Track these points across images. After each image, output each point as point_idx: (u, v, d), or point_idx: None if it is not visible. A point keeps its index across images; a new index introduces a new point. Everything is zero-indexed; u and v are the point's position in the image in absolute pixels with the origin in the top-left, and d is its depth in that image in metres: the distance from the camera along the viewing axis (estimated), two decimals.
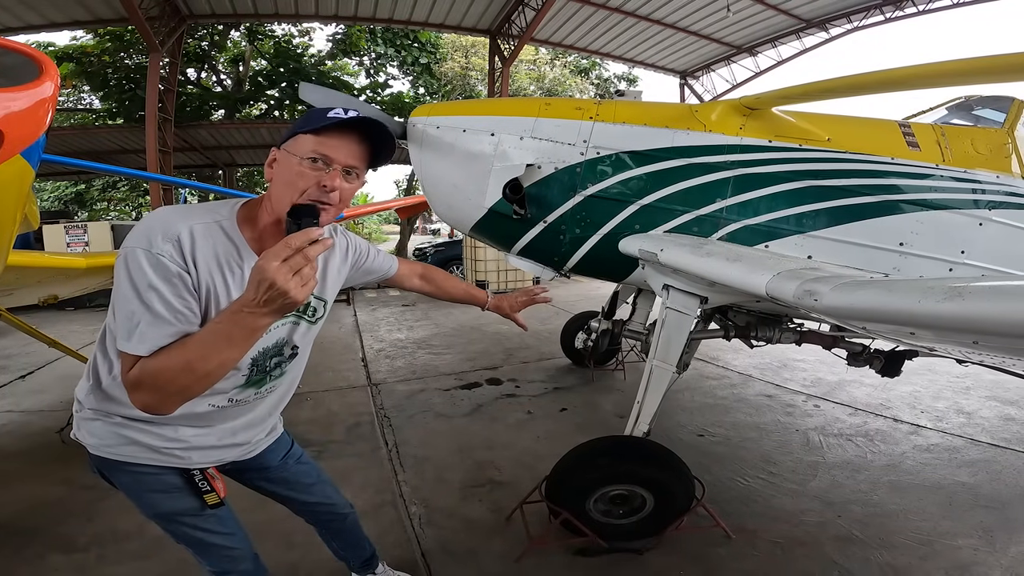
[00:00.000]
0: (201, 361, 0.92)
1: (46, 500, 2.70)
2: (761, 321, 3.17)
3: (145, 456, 1.23)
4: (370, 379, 4.94)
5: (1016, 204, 2.72)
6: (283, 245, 0.85)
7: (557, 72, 20.78)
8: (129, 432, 1.21)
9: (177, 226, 1.02)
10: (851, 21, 14.12)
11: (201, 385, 0.95)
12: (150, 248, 0.98)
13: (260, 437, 1.45)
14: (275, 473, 1.58)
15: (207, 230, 1.06)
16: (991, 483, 2.91)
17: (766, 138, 2.64)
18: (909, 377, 4.30)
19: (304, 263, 0.85)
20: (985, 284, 1.02)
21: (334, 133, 1.06)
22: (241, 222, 1.13)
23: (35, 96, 1.29)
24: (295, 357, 1.36)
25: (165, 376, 0.93)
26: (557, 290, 10.70)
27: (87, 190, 21.80)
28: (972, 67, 1.95)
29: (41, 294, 3.28)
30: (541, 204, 2.65)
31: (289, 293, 0.84)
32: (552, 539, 2.34)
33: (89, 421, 1.23)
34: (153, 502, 1.28)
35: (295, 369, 1.40)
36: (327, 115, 1.05)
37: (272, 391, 1.37)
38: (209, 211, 1.10)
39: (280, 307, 0.87)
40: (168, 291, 0.98)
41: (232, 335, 0.91)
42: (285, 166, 1.06)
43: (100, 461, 1.24)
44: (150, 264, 0.97)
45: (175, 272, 0.99)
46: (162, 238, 0.99)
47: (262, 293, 0.84)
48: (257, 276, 0.84)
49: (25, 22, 10.88)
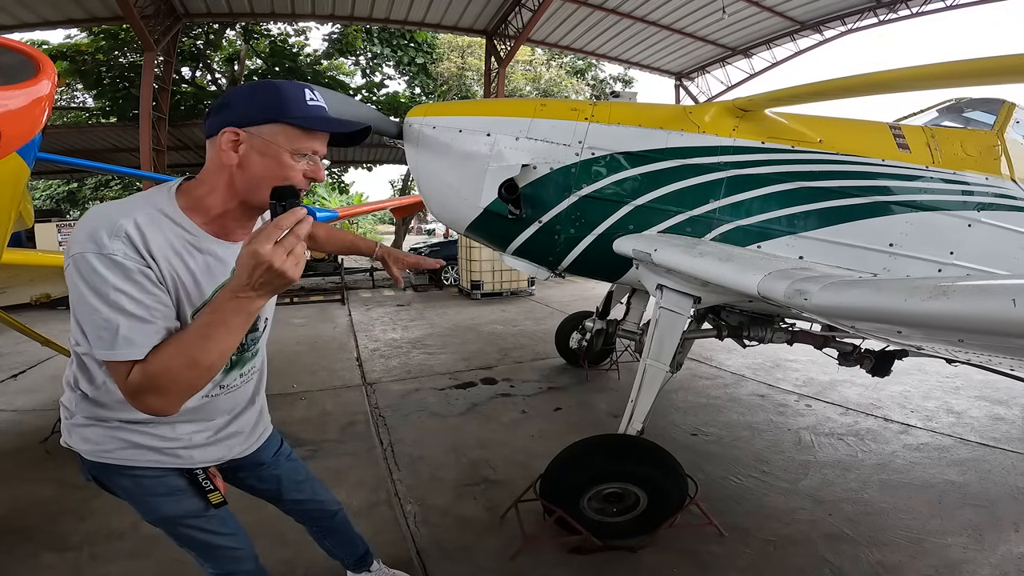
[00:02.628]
0: (203, 353, 0.90)
1: (39, 499, 2.69)
2: (753, 321, 3.20)
3: (146, 458, 1.21)
4: (365, 378, 4.94)
5: (1005, 205, 2.76)
6: (274, 227, 0.85)
7: (553, 73, 20.80)
8: (128, 435, 1.18)
9: (119, 221, 0.95)
10: (845, 23, 14.23)
11: (206, 378, 0.94)
12: (100, 251, 0.92)
13: (251, 425, 1.44)
14: (268, 471, 1.58)
15: (151, 219, 1.00)
16: (980, 482, 2.94)
17: (759, 139, 2.66)
18: (899, 377, 4.33)
19: (296, 242, 0.86)
20: (970, 283, 1.04)
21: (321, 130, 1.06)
22: (185, 208, 1.06)
23: (32, 94, 1.29)
24: (265, 330, 1.36)
25: (170, 375, 0.91)
26: (552, 290, 10.73)
27: (79, 189, 21.67)
28: (962, 69, 1.98)
29: (33, 292, 3.27)
30: (536, 204, 2.67)
31: (286, 273, 0.85)
32: (546, 537, 2.35)
33: (83, 427, 1.19)
34: (156, 506, 1.27)
35: (263, 343, 1.39)
36: (310, 106, 1.03)
37: (253, 369, 1.36)
38: (144, 201, 1.03)
39: (275, 287, 0.88)
40: (135, 289, 0.94)
41: (229, 322, 0.90)
42: (272, 158, 1.01)
43: (96, 467, 1.21)
44: (105, 266, 0.92)
45: (134, 269, 0.94)
46: (108, 236, 0.93)
47: (257, 276, 0.85)
48: (251, 261, 0.84)
49: (20, 20, 10.81)
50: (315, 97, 1.06)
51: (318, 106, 1.05)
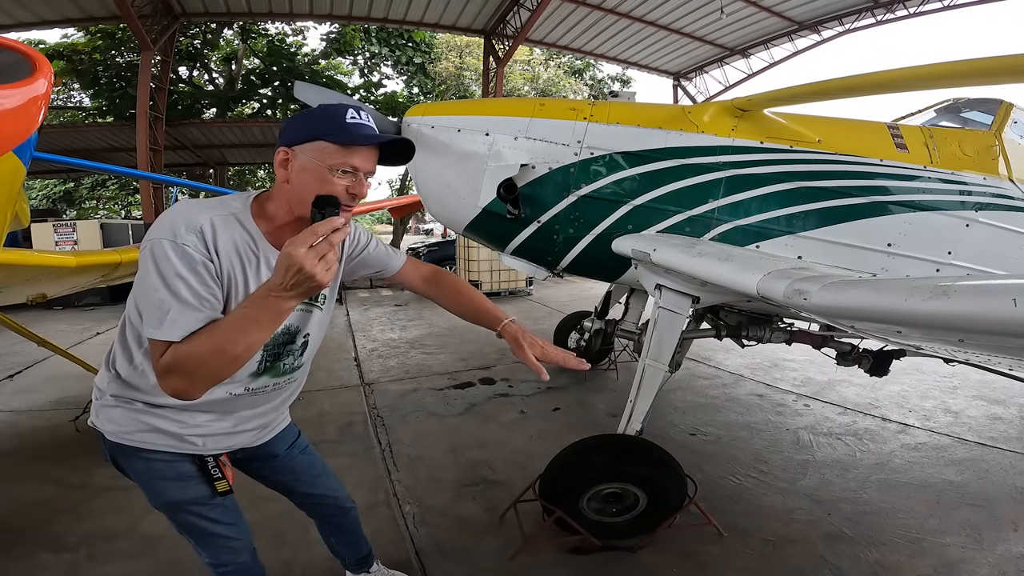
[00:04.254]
0: (231, 344, 0.97)
1: (36, 499, 2.68)
2: (752, 321, 3.20)
3: (162, 443, 1.26)
4: (363, 379, 4.93)
5: (1002, 206, 2.76)
6: (310, 232, 0.90)
7: (551, 73, 20.82)
8: (149, 419, 1.24)
9: (199, 218, 1.07)
10: (843, 24, 14.27)
11: (230, 368, 1.00)
12: (175, 239, 1.02)
13: (271, 424, 1.49)
14: (281, 462, 1.59)
15: (225, 221, 1.11)
16: (978, 481, 2.94)
17: (758, 139, 2.66)
18: (897, 377, 4.35)
19: (328, 249, 0.91)
20: (969, 283, 1.04)
21: (362, 147, 1.09)
22: (255, 215, 1.17)
23: (28, 94, 1.28)
24: (307, 346, 1.38)
25: (196, 360, 0.98)
26: (550, 290, 10.73)
27: (76, 188, 21.61)
28: (961, 70, 1.98)
29: (29, 293, 3.25)
30: (535, 204, 2.66)
31: (316, 276, 0.90)
32: (545, 537, 2.35)
33: (109, 408, 1.26)
34: (163, 490, 1.30)
35: (308, 359, 1.43)
36: (347, 124, 1.08)
37: (291, 381, 1.41)
38: (224, 204, 1.15)
39: (306, 290, 0.93)
40: (194, 279, 1.03)
41: (260, 318, 0.97)
42: (312, 173, 1.08)
43: (115, 448, 1.27)
44: (176, 254, 1.02)
45: (200, 261, 1.04)
46: (185, 229, 1.04)
47: (290, 277, 0.90)
48: (286, 262, 0.89)
49: (17, 19, 10.79)
50: (356, 115, 1.10)
51: (358, 123, 1.09)
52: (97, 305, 9.03)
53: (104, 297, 9.05)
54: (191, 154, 16.63)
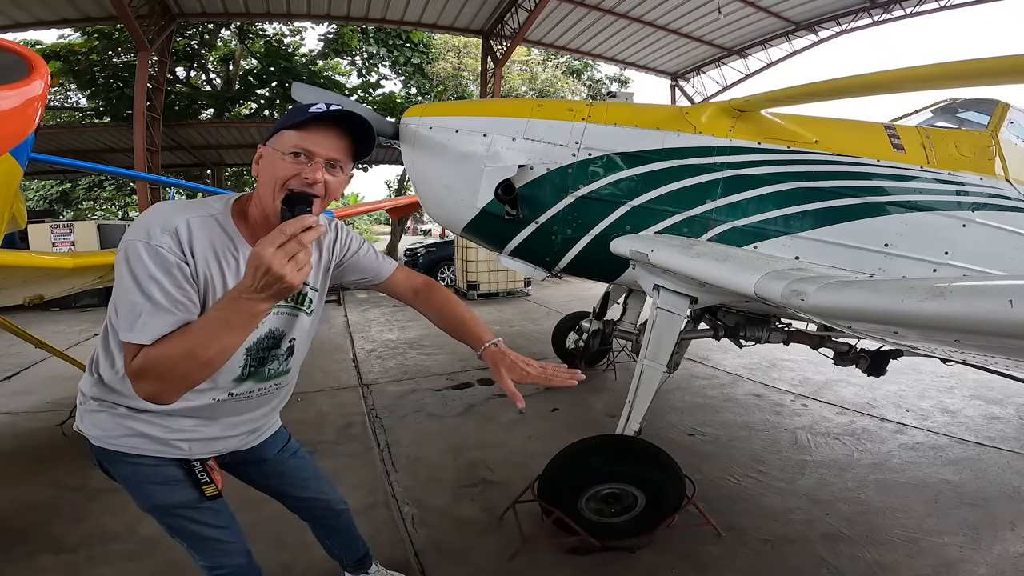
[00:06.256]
0: (202, 348, 0.94)
1: (34, 501, 2.67)
2: (750, 321, 3.21)
3: (147, 448, 1.24)
4: (361, 379, 4.93)
5: (999, 206, 2.77)
6: (278, 232, 0.88)
7: (549, 73, 20.81)
8: (133, 423, 1.22)
9: (174, 219, 1.05)
10: (840, 24, 14.30)
11: (202, 373, 0.97)
12: (149, 240, 1.01)
13: (260, 429, 1.47)
14: (271, 467, 1.58)
15: (203, 223, 1.09)
16: (975, 481, 2.95)
17: (755, 140, 2.67)
18: (894, 376, 4.35)
19: (298, 248, 0.88)
20: (966, 284, 1.04)
21: (315, 127, 1.07)
22: (235, 216, 1.16)
23: (25, 95, 1.28)
24: (293, 351, 1.36)
25: (167, 363, 0.95)
26: (548, 291, 10.73)
27: (73, 189, 21.53)
28: (958, 70, 1.99)
29: (27, 294, 3.24)
30: (533, 205, 2.66)
31: (285, 278, 0.87)
32: (544, 538, 2.35)
33: (93, 412, 1.24)
34: (151, 494, 1.29)
35: (296, 364, 1.41)
36: (308, 110, 1.07)
37: (279, 387, 1.39)
38: (204, 205, 1.13)
39: (277, 292, 0.90)
40: (168, 281, 1.01)
41: (231, 321, 0.94)
42: (269, 162, 1.08)
43: (101, 453, 1.25)
44: (149, 256, 1.00)
45: (174, 263, 1.02)
46: (160, 230, 1.02)
47: (259, 279, 0.88)
48: (254, 262, 0.87)
49: (13, 20, 10.75)
50: (320, 106, 1.08)
51: (317, 109, 1.07)
52: (94, 306, 9.00)
53: (101, 298, 9.01)
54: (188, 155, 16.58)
